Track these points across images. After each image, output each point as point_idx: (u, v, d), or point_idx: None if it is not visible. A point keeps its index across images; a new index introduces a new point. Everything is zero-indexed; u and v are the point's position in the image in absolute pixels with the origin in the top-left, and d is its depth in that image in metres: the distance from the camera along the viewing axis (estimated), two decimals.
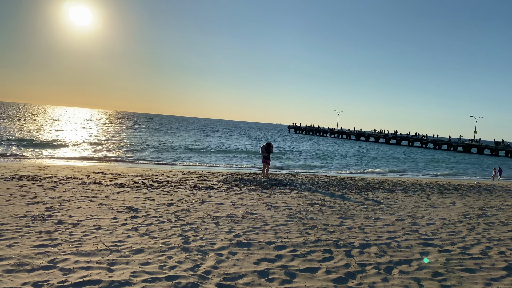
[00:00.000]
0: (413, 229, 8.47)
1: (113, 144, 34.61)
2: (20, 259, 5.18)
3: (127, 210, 8.65)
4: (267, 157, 16.64)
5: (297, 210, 9.79)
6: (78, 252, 5.63)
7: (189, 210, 8.99)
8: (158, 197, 10.54)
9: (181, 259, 5.61)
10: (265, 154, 16.59)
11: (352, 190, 14.22)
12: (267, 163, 16.66)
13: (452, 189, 16.79)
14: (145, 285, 4.63)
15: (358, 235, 7.65)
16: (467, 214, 10.83)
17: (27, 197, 9.43)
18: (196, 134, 66.80)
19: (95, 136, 43.24)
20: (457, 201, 13.23)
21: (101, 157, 24.73)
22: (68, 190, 10.76)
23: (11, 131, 38.88)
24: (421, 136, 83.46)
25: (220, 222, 7.97)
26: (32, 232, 6.46)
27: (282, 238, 7.04)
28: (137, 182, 13.13)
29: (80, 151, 27.52)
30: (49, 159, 22.34)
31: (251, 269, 5.39)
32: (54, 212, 8.03)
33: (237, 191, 12.42)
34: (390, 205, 11.44)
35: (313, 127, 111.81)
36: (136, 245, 6.11)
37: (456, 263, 6.24)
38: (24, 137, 33.40)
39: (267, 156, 16.62)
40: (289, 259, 5.96)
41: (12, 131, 39.02)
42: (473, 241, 7.77)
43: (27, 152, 24.45)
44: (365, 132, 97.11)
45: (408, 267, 5.89)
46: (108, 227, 7.12)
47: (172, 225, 7.51)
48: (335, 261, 5.97)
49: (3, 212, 7.74)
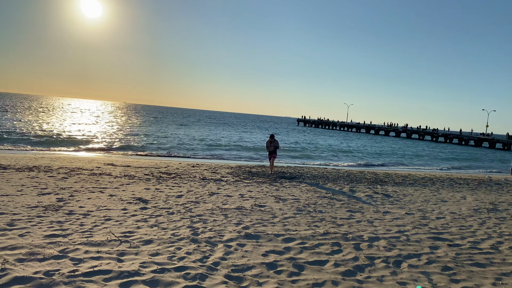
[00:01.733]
0: (422, 223, 8.42)
1: (125, 136, 34.85)
2: (31, 249, 5.25)
3: (137, 201, 8.72)
4: (273, 152, 15.53)
5: (305, 203, 9.78)
6: (88, 242, 5.69)
7: (198, 202, 9.03)
8: (168, 188, 10.60)
9: (190, 250, 5.64)
10: (271, 148, 15.50)
11: (361, 184, 14.15)
12: (273, 157, 15.52)
13: (462, 183, 16.62)
14: (154, 276, 4.67)
15: (367, 228, 7.62)
16: (478, 208, 10.72)
17: (38, 187, 9.54)
18: (211, 127, 66.93)
19: (108, 128, 43.57)
20: (467, 195, 13.10)
21: (112, 149, 24.92)
22: (79, 181, 10.87)
23: (33, 124, 39.34)
24: (431, 130, 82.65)
25: (228, 214, 8.00)
26: (44, 222, 6.54)
27: (290, 231, 7.04)
28: (147, 173, 13.22)
29: (93, 143, 27.74)
30: (61, 151, 22.56)
31: (260, 261, 5.41)
32: (65, 202, 8.12)
33: (246, 183, 12.43)
34: (400, 199, 11.37)
35: (323, 120, 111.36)
36: (146, 236, 6.15)
37: (466, 258, 6.18)
38: (44, 129, 33.78)
39: (274, 150, 15.52)
40: (298, 251, 5.96)
41: (34, 123, 39.48)
42: (483, 235, 7.69)
43: (41, 143, 24.72)
44: (375, 125, 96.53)
45: (417, 261, 5.86)
46: (118, 218, 7.19)
47: (181, 217, 7.55)
48: (343, 254, 5.96)
49: (15, 202, 7.85)
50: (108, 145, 26.62)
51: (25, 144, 23.56)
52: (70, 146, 24.86)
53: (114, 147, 25.87)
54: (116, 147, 25.94)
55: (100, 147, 25.29)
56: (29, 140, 25.81)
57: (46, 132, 31.99)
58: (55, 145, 24.67)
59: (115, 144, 27.58)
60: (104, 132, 37.10)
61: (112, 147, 25.81)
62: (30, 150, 21.56)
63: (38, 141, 25.81)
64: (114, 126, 48.13)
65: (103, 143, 27.73)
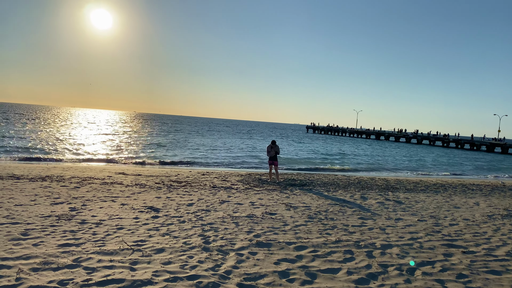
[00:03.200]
0: (435, 229, 8.32)
1: (136, 145, 35.11)
2: (45, 258, 5.30)
3: (148, 210, 8.76)
4: (274, 158, 15.27)
5: (316, 210, 9.74)
6: (101, 251, 5.73)
7: (209, 210, 9.05)
8: (179, 197, 10.64)
9: (202, 259, 5.65)
10: (271, 154, 15.19)
11: (373, 190, 14.06)
12: (274, 165, 15.31)
13: (475, 189, 16.41)
14: (166, 285, 4.68)
15: (379, 235, 7.56)
16: (491, 214, 10.57)
17: (51, 197, 9.65)
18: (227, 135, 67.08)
19: (119, 137, 43.95)
20: (481, 201, 12.93)
21: (122, 158, 25.11)
22: (91, 190, 10.97)
23: (48, 135, 39.87)
24: (442, 136, 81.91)
25: (239, 222, 7.99)
26: (57, 232, 6.60)
27: (302, 239, 7.01)
28: (158, 182, 13.29)
29: (103, 152, 27.99)
30: (73, 161, 22.79)
31: (272, 269, 5.39)
32: (78, 212, 8.19)
33: (256, 191, 12.43)
34: (412, 206, 11.26)
35: (332, 127, 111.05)
36: (158, 245, 6.18)
37: (481, 265, 6.09)
38: (62, 140, 34.20)
39: (274, 156, 15.25)
40: (310, 259, 5.93)
41: (49, 134, 40.01)
42: (498, 242, 7.57)
43: (56, 153, 25.02)
44: (385, 131, 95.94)
45: (431, 269, 5.79)
46: (130, 226, 7.23)
47: (192, 225, 7.57)
48: (356, 262, 5.91)
49: (29, 211, 7.95)
50: (118, 154, 26.82)
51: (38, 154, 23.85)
52: (82, 155, 25.09)
53: (124, 156, 26.06)
54: (126, 156, 26.13)
55: (111, 156, 25.48)
56: (43, 151, 26.13)
57: (63, 142, 32.36)
58: (70, 154, 24.93)
59: (124, 153, 27.79)
60: (113, 141, 37.41)
61: (123, 156, 25.99)
62: (43, 160, 21.81)
63: (51, 150, 26.11)
64: (125, 135, 48.52)
65: (114, 152, 27.94)
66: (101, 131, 52.38)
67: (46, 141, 32.25)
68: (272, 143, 15.41)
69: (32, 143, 29.83)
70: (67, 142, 32.54)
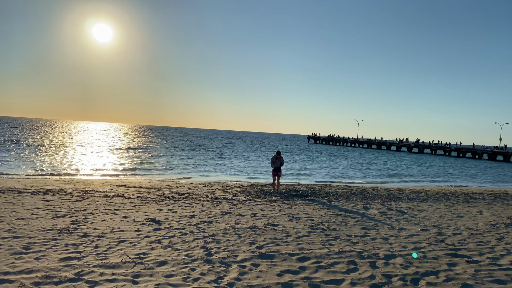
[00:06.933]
0: (439, 239, 8.27)
1: (138, 158, 35.13)
2: (47, 272, 5.28)
3: (150, 222, 8.74)
4: (278, 169, 15.42)
5: (319, 221, 9.70)
6: (103, 264, 5.70)
7: (211, 222, 9.02)
8: (180, 209, 10.62)
9: (204, 271, 5.62)
10: (276, 164, 15.35)
11: (375, 200, 14.01)
12: (278, 176, 15.47)
13: (478, 198, 16.35)
14: None
15: (383, 245, 7.51)
16: (495, 223, 10.52)
17: (53, 210, 9.64)
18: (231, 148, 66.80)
19: (120, 150, 44.00)
20: (484, 210, 12.87)
21: (123, 170, 25.11)
22: (92, 203, 10.96)
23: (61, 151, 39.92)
24: (444, 144, 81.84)
25: (242, 234, 7.96)
26: (59, 245, 6.59)
27: (305, 250, 6.98)
28: (159, 194, 13.27)
29: (105, 165, 28.00)
30: (75, 175, 22.79)
31: (275, 281, 5.35)
32: (79, 225, 8.17)
33: (258, 202, 12.40)
34: (415, 215, 11.21)
35: (333, 137, 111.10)
36: (160, 257, 6.15)
37: (485, 274, 6.05)
38: (69, 155, 34.25)
39: (278, 168, 15.40)
40: (313, 270, 5.89)
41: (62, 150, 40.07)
42: (502, 251, 7.52)
43: (57, 167, 25.05)
44: (386, 141, 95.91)
45: (435, 278, 5.75)
46: (131, 239, 7.20)
47: (194, 237, 7.54)
48: (359, 273, 5.88)
49: (30, 225, 7.93)
50: (119, 167, 26.83)
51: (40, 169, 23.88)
52: (84, 169, 25.11)
53: (125, 169, 26.06)
54: (128, 168, 26.12)
55: (111, 169, 25.49)
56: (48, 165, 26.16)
57: (69, 158, 32.41)
58: (73, 168, 24.95)
59: (126, 166, 27.79)
60: (115, 154, 37.45)
61: (124, 169, 25.99)
62: (44, 174, 21.82)
63: (53, 165, 26.15)
64: (127, 147, 48.54)
65: (115, 165, 27.95)
66: (115, 146, 51.30)
67: (52, 156, 32.30)
68: (277, 153, 15.48)
69: (37, 159, 29.87)
70: (74, 158, 32.59)
